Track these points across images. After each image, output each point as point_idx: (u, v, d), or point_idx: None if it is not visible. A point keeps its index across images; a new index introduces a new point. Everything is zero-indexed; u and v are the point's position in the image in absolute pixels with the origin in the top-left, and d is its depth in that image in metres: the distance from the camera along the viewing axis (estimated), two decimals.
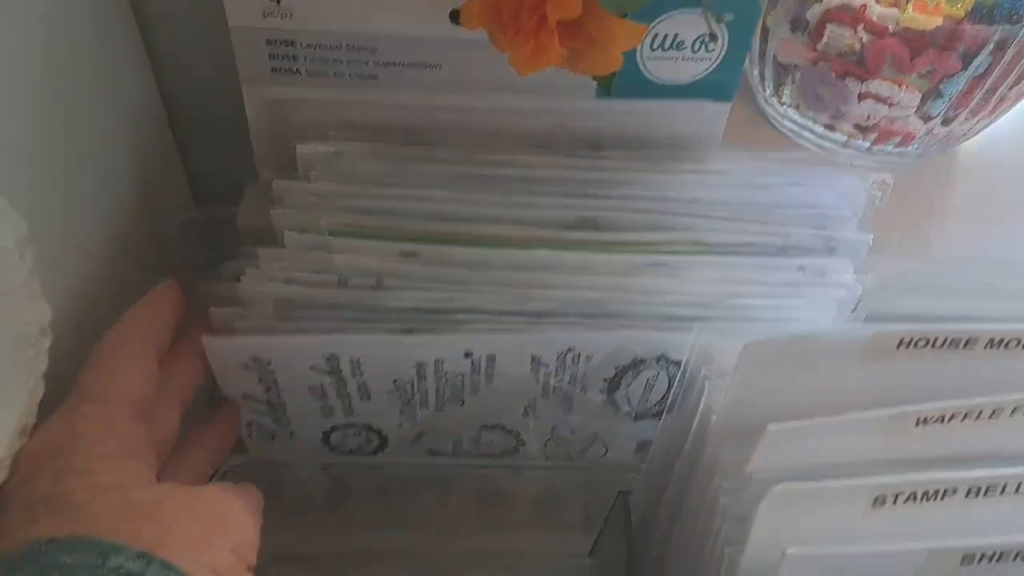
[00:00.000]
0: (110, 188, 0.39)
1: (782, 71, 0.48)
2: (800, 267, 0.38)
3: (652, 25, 0.36)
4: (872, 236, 0.38)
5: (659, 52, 0.37)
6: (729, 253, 0.38)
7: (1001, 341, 0.30)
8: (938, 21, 0.41)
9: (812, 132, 0.49)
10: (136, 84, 0.42)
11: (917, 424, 0.30)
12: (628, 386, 0.39)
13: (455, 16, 0.35)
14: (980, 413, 0.30)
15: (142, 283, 0.36)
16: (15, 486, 0.28)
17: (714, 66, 0.38)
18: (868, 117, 0.46)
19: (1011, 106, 0.46)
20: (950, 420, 0.30)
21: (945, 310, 0.49)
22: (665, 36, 0.36)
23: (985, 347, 0.30)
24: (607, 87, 0.38)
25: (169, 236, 0.42)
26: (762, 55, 0.48)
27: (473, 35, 0.31)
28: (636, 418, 0.41)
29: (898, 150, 0.48)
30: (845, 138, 0.48)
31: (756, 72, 0.49)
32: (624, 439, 0.42)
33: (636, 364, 0.37)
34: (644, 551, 0.41)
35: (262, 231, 0.38)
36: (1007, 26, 0.41)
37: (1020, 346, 0.30)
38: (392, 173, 0.38)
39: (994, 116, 0.47)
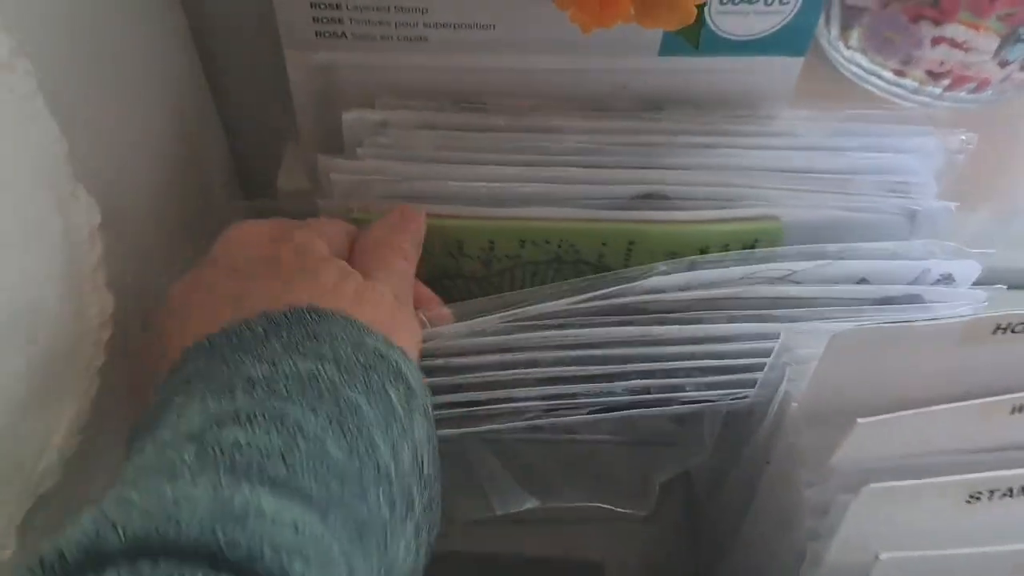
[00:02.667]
0: (150, 154, 0.37)
1: (848, 14, 0.45)
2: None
3: None
4: (955, 204, 0.36)
5: (729, 6, 0.35)
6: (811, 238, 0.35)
7: None
8: None
9: (880, 78, 0.46)
10: (175, 46, 0.39)
11: (1012, 412, 0.29)
12: None
13: None
14: None
15: (181, 257, 0.34)
16: (246, 256, 0.29)
17: (787, 20, 0.35)
18: (941, 63, 0.43)
19: None
20: None
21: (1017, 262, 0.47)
22: None
23: None
24: (695, 39, 0.34)
25: (214, 213, 0.40)
26: None
27: None
28: None
29: (972, 96, 0.45)
30: (916, 84, 0.45)
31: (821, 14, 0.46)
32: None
33: None
34: (704, 522, 0.41)
35: (304, 195, 0.37)
36: None
37: None
38: (442, 144, 0.36)
39: None
